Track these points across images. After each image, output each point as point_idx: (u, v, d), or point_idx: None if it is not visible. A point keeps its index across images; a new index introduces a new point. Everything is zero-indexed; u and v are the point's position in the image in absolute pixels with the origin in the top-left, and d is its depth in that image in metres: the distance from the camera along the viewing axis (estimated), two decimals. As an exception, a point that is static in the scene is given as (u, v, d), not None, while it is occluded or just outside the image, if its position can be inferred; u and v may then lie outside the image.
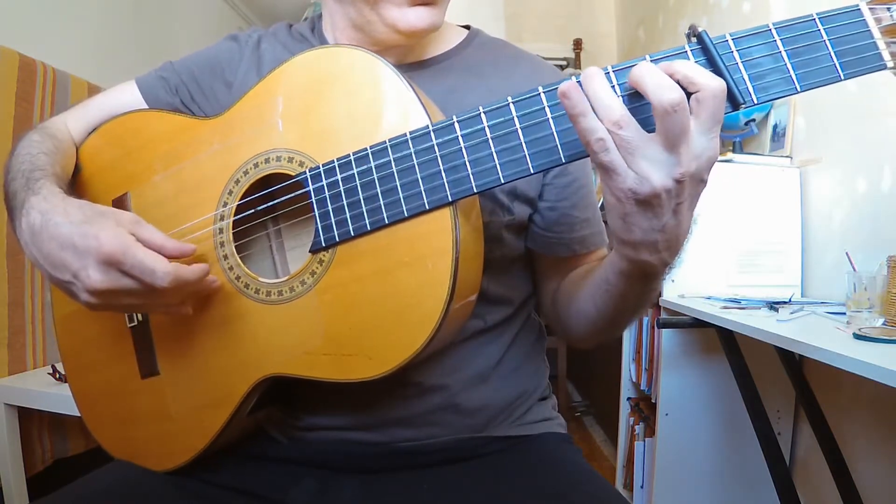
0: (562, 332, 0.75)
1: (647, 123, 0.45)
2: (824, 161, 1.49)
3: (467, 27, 0.78)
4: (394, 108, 0.55)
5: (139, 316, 0.67)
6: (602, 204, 0.54)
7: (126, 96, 0.75)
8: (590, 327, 0.67)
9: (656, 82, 0.43)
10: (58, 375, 1.51)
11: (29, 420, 1.58)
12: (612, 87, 0.47)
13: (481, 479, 0.66)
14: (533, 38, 3.30)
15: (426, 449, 0.68)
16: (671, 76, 0.44)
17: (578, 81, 0.46)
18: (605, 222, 0.62)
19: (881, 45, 0.44)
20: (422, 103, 0.54)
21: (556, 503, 0.61)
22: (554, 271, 0.75)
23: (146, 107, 0.74)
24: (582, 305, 0.66)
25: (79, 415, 0.73)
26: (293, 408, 0.70)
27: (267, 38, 0.76)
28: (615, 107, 0.44)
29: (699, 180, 0.46)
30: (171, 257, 0.56)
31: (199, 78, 0.74)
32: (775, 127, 1.69)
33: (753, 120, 1.72)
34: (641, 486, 1.76)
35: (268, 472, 0.69)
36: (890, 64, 0.44)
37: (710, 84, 0.43)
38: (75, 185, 0.71)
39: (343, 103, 0.57)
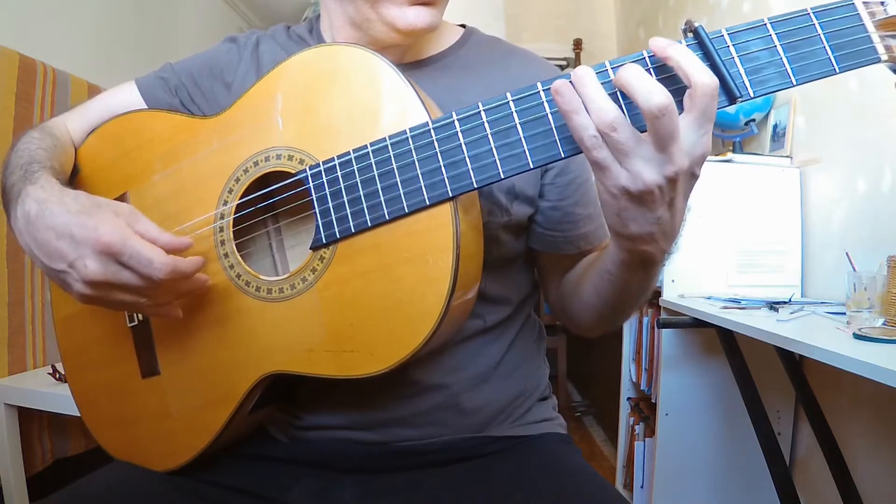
0: (569, 323, 0.76)
1: (639, 120, 0.46)
2: (824, 161, 1.49)
3: (463, 26, 0.78)
4: (393, 106, 0.55)
5: (139, 315, 0.67)
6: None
7: (126, 97, 0.75)
8: (595, 316, 0.68)
9: (644, 87, 0.43)
10: (58, 375, 1.51)
11: (29, 420, 1.58)
12: (610, 81, 0.47)
13: (481, 479, 0.66)
14: (533, 38, 3.31)
15: (426, 449, 0.68)
16: (667, 59, 0.45)
17: (570, 80, 0.46)
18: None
19: (875, 38, 0.45)
20: (421, 100, 0.54)
21: (556, 503, 0.61)
22: (559, 268, 0.76)
23: (146, 107, 0.74)
24: (586, 296, 0.67)
25: (79, 415, 0.73)
26: (294, 407, 0.70)
27: (265, 39, 0.76)
28: (608, 109, 0.45)
29: (691, 175, 0.47)
30: (166, 250, 0.55)
31: (198, 79, 0.74)
32: (775, 127, 1.69)
33: (753, 120, 1.72)
34: (641, 486, 1.76)
35: (268, 471, 0.69)
36: (884, 57, 0.45)
37: (704, 81, 0.43)
38: (74, 184, 0.71)
39: (343, 101, 0.57)
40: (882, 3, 0.45)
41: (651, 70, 0.47)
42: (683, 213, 0.50)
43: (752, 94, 0.46)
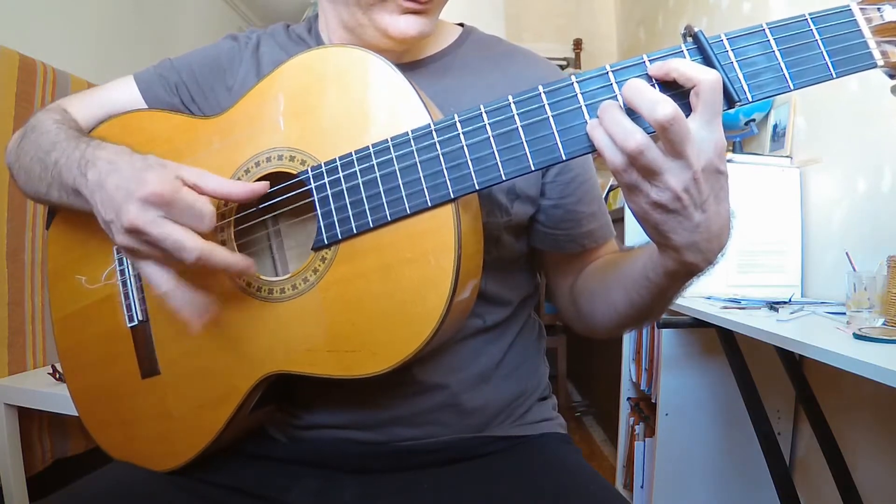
0: (579, 325, 0.74)
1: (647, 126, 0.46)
2: (824, 161, 1.49)
3: (461, 25, 0.78)
4: (395, 107, 0.55)
5: (139, 315, 0.67)
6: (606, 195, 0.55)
7: (125, 95, 0.74)
8: (620, 321, 0.67)
9: (648, 99, 0.44)
10: (58, 375, 1.51)
11: (29, 420, 1.58)
12: (611, 84, 0.48)
13: (481, 479, 0.66)
14: (533, 38, 3.31)
15: (426, 448, 0.68)
16: (668, 75, 0.46)
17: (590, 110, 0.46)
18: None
19: (871, 44, 0.45)
20: (423, 102, 0.54)
21: (556, 503, 0.61)
22: (566, 268, 0.75)
23: (145, 106, 0.74)
24: (612, 300, 0.65)
25: (78, 415, 0.73)
26: (293, 406, 0.70)
27: (265, 39, 0.76)
28: (634, 133, 0.45)
29: (714, 171, 0.47)
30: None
31: (199, 77, 0.74)
32: (775, 127, 1.69)
33: (753, 120, 1.72)
34: (641, 486, 1.76)
35: (268, 471, 0.69)
36: (880, 62, 0.46)
37: (706, 77, 0.44)
38: None
39: (345, 102, 0.57)
40: (878, 9, 0.45)
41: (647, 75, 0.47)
42: (724, 217, 0.50)
43: (750, 99, 0.47)
